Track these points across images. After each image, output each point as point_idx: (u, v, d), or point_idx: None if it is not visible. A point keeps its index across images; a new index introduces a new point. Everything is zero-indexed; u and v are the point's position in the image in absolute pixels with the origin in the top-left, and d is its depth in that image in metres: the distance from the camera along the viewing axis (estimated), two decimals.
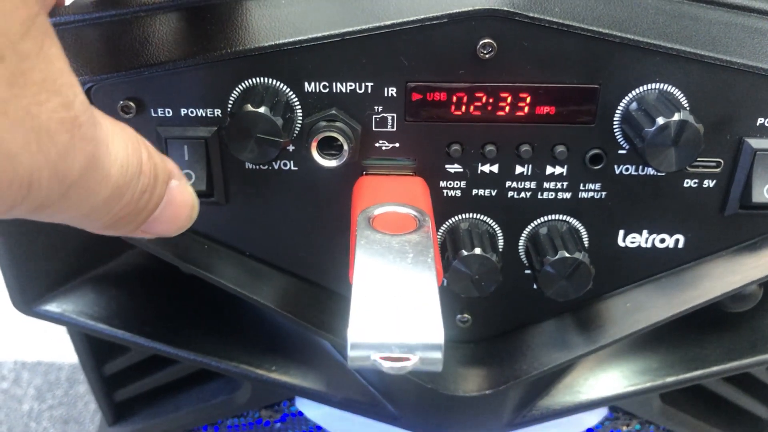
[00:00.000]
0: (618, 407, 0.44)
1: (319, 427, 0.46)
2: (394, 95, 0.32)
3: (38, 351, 1.04)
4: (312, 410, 0.45)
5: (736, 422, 0.49)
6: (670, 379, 0.41)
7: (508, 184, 0.35)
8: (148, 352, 0.46)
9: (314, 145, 0.32)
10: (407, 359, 0.23)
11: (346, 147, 0.32)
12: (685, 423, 0.47)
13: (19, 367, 1.03)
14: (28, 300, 0.40)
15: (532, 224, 0.36)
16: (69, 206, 0.21)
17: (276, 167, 0.34)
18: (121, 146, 0.22)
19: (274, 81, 0.32)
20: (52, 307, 0.40)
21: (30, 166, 0.18)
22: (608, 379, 0.41)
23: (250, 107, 0.29)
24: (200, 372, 0.48)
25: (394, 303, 0.25)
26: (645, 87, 0.32)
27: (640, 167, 0.34)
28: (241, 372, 0.41)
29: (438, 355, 0.23)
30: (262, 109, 0.29)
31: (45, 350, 1.04)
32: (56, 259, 0.40)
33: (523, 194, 0.35)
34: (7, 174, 0.18)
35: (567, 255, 0.33)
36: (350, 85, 0.32)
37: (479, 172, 0.34)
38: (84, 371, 0.48)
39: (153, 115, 0.33)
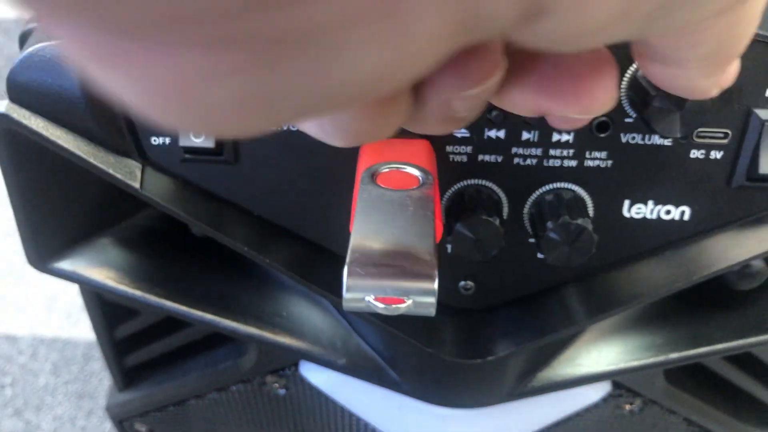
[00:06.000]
0: (621, 384, 0.44)
1: (323, 394, 0.46)
2: None
3: (56, 327, 1.06)
4: (316, 376, 0.45)
5: (745, 409, 0.49)
6: (673, 356, 0.41)
7: (514, 150, 0.35)
8: (159, 315, 0.47)
9: None
10: (401, 301, 0.24)
11: None
12: (689, 404, 0.46)
13: (37, 343, 1.05)
14: (42, 256, 0.41)
15: (537, 192, 0.36)
16: None
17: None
18: None
19: None
20: (65, 265, 0.41)
21: None
22: (611, 354, 0.41)
23: None
24: (208, 338, 0.49)
25: (391, 249, 0.25)
26: None
27: (647, 136, 0.34)
28: (246, 333, 0.41)
29: (431, 299, 0.24)
30: None
31: (62, 327, 1.06)
32: (70, 216, 0.41)
33: (528, 161, 0.35)
34: None
35: (570, 221, 0.33)
36: None
37: (485, 137, 0.35)
38: (96, 334, 0.49)
39: None
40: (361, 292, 0.24)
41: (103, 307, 0.47)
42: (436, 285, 0.24)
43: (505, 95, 0.20)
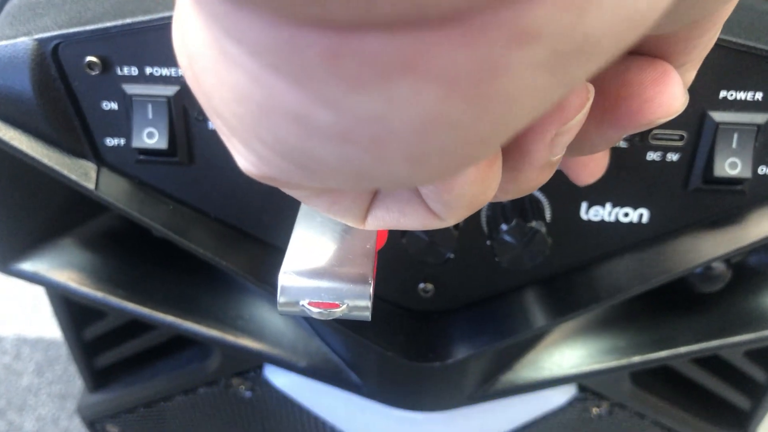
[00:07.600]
0: (587, 387, 0.44)
1: (288, 397, 0.46)
2: None
3: (40, 327, 1.06)
4: (280, 378, 0.45)
5: (715, 411, 0.48)
6: (636, 359, 0.41)
7: None
8: (126, 317, 0.47)
9: None
10: (336, 306, 0.24)
11: None
12: (657, 407, 0.46)
13: (20, 343, 1.04)
14: (4, 258, 0.41)
15: None
16: None
17: None
18: None
19: None
20: (27, 267, 0.41)
21: None
22: (574, 357, 0.41)
23: None
24: (175, 340, 0.48)
25: (329, 252, 0.25)
26: None
27: None
28: (208, 336, 0.41)
29: (365, 302, 0.23)
30: None
31: (46, 327, 1.06)
32: (33, 218, 0.41)
33: None
34: None
35: (523, 223, 0.33)
36: None
37: None
38: (64, 335, 0.49)
39: (119, 73, 0.33)
40: (296, 296, 0.24)
41: (70, 308, 0.47)
42: (371, 289, 0.24)
43: (583, 131, 0.19)
